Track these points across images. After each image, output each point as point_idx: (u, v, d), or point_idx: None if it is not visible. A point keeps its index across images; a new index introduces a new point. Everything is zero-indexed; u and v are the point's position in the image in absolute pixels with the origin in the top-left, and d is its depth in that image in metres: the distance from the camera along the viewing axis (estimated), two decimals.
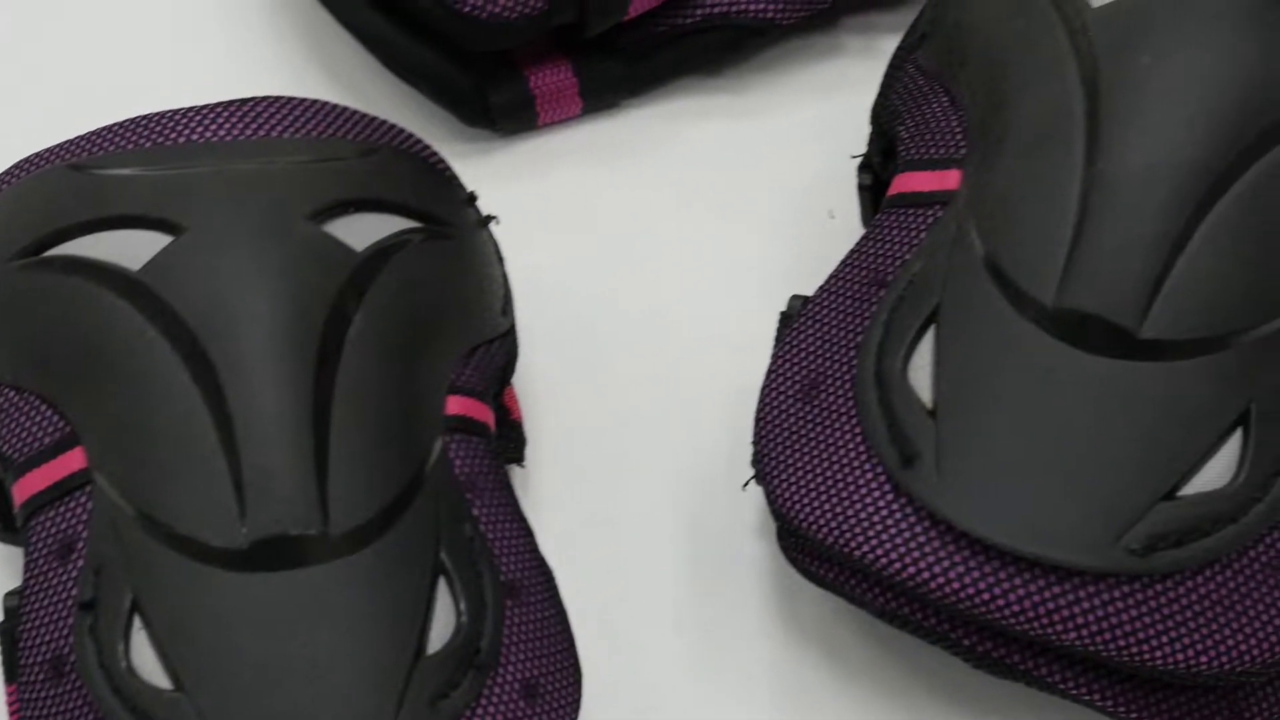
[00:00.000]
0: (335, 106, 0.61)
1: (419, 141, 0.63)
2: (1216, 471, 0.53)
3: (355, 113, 0.61)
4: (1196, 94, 0.56)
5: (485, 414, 0.59)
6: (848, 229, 0.68)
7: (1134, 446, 0.53)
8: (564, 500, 0.66)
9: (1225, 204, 0.55)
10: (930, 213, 0.59)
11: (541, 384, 0.68)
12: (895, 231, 0.59)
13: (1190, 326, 0.54)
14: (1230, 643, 0.53)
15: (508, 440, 0.63)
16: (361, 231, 0.57)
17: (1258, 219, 0.55)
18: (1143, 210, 0.54)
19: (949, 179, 0.59)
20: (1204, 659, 0.52)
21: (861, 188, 0.66)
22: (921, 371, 0.56)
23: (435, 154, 0.63)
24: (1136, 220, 0.54)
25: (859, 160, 0.66)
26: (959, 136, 0.60)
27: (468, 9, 0.67)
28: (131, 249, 0.56)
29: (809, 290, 0.61)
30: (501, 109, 0.72)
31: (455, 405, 0.58)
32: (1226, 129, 0.55)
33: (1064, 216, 0.55)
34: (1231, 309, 0.54)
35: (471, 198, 0.63)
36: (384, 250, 0.58)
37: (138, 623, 0.53)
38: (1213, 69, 0.56)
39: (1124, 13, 0.58)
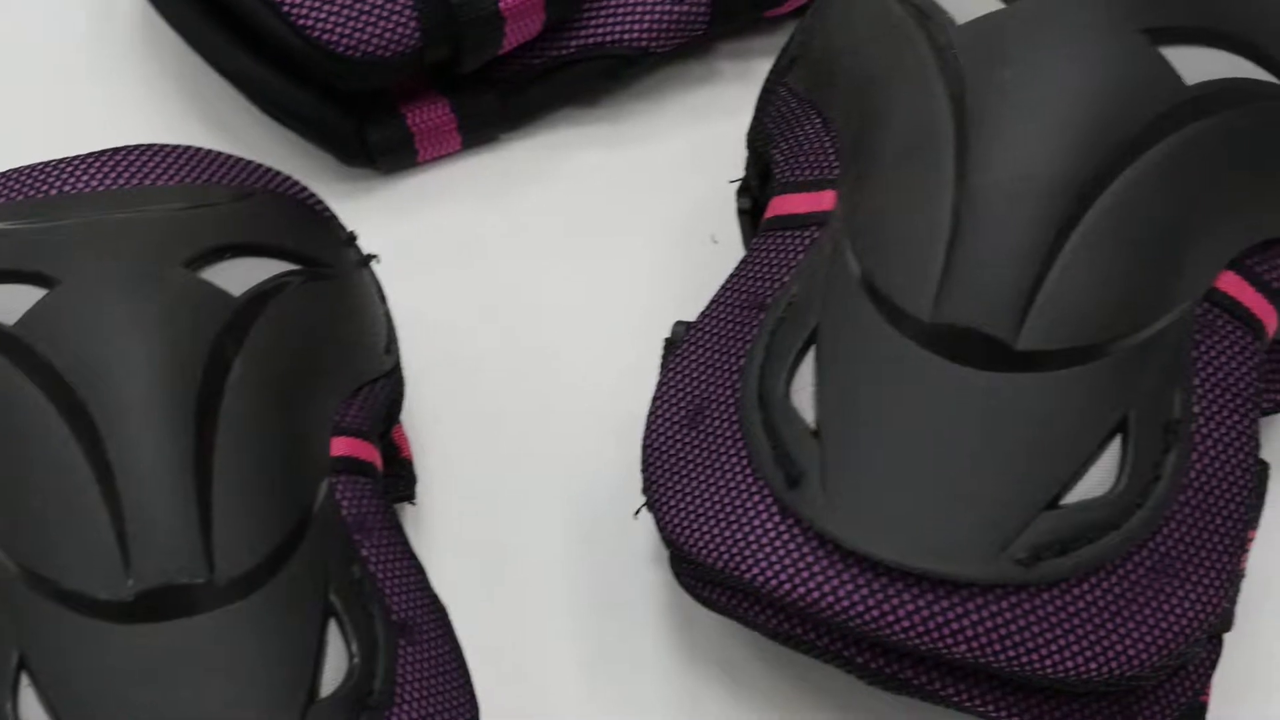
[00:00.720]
0: (208, 152, 0.61)
1: (295, 184, 0.63)
2: (1098, 479, 0.54)
3: (229, 157, 0.61)
4: (1061, 107, 0.56)
5: (371, 454, 0.59)
6: (731, 252, 0.68)
7: (1015, 457, 0.53)
8: (457, 536, 0.65)
9: (1094, 214, 0.55)
10: (807, 234, 0.59)
11: (431, 420, 0.68)
12: (773, 254, 0.60)
13: (1065, 336, 0.54)
14: (1119, 648, 0.53)
15: (398, 478, 0.63)
16: (238, 277, 0.57)
17: (1127, 228, 0.55)
18: (1013, 223, 0.55)
19: (824, 200, 0.60)
20: (1093, 665, 0.53)
21: (741, 211, 0.66)
22: (804, 392, 0.56)
23: (312, 195, 0.63)
24: (1008, 233, 0.55)
25: (737, 184, 0.67)
26: (832, 157, 0.60)
27: (341, 49, 0.67)
28: (6, 303, 0.55)
29: (695, 316, 0.61)
30: (380, 147, 0.72)
31: (340, 446, 0.58)
32: (1092, 140, 0.56)
33: (937, 232, 0.56)
34: (1105, 318, 0.55)
35: (351, 238, 0.63)
36: (262, 294, 0.57)
37: (25, 680, 0.52)
38: (1075, 82, 0.57)
39: (987, 29, 0.58)
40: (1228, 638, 0.58)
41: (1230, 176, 0.57)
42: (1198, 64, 0.57)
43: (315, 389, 0.58)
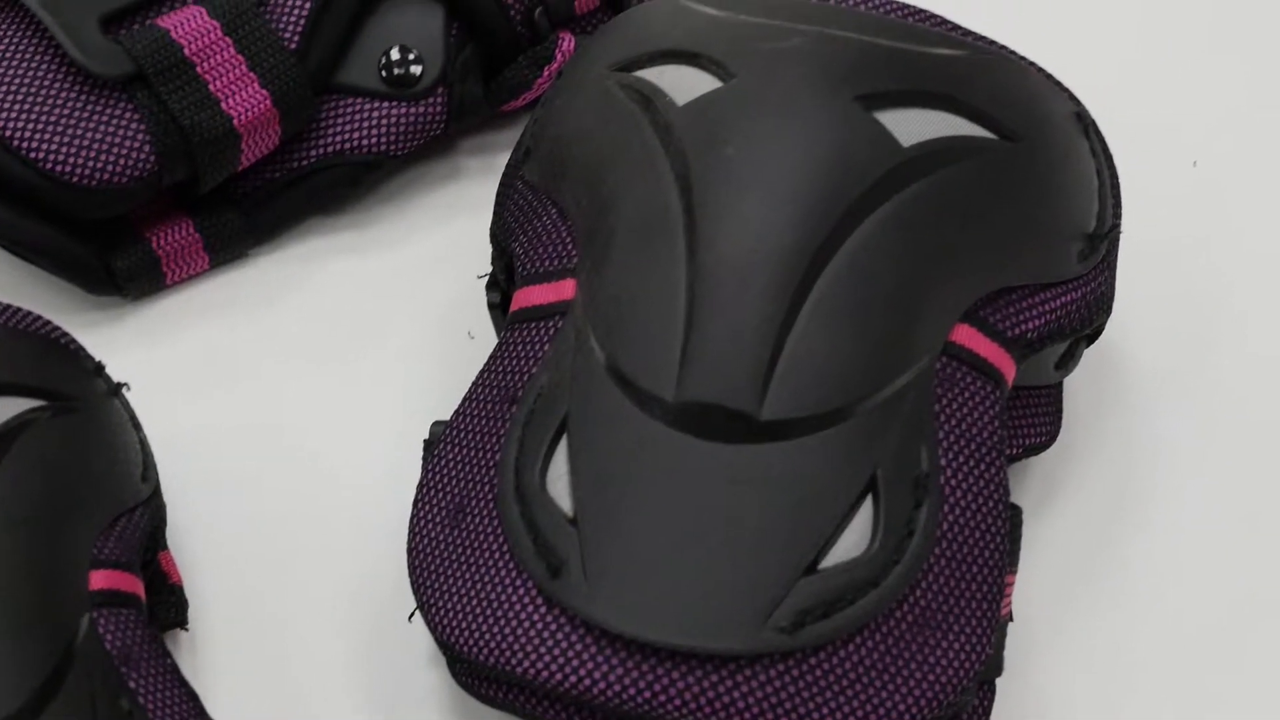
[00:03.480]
0: None
1: (37, 318, 0.62)
2: (854, 540, 0.55)
3: None
4: (783, 179, 0.57)
5: (134, 584, 0.58)
6: (488, 347, 0.68)
7: (770, 527, 0.54)
8: (233, 658, 0.65)
9: (825, 281, 0.56)
10: (551, 324, 0.60)
11: (201, 542, 0.67)
12: (520, 347, 0.60)
13: (808, 403, 0.55)
14: (889, 704, 0.54)
15: (168, 605, 0.63)
16: None
17: (858, 291, 0.56)
18: (746, 296, 0.56)
19: (565, 289, 0.60)
20: None
21: (491, 306, 0.67)
22: (560, 481, 0.56)
23: (56, 328, 0.62)
24: (742, 307, 0.56)
25: (486, 279, 0.67)
26: (570, 246, 0.61)
27: (75, 179, 0.67)
28: None
29: None
30: (126, 274, 0.71)
31: (100, 579, 0.57)
32: (816, 209, 0.57)
33: (674, 311, 0.56)
34: (846, 381, 0.56)
35: (99, 368, 0.63)
36: (8, 433, 0.57)
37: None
38: (795, 153, 0.58)
39: (707, 108, 0.59)
40: (1000, 682, 0.59)
41: (954, 232, 0.58)
42: (913, 126, 0.59)
43: (68, 524, 0.57)
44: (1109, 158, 0.64)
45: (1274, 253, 0.74)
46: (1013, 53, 0.65)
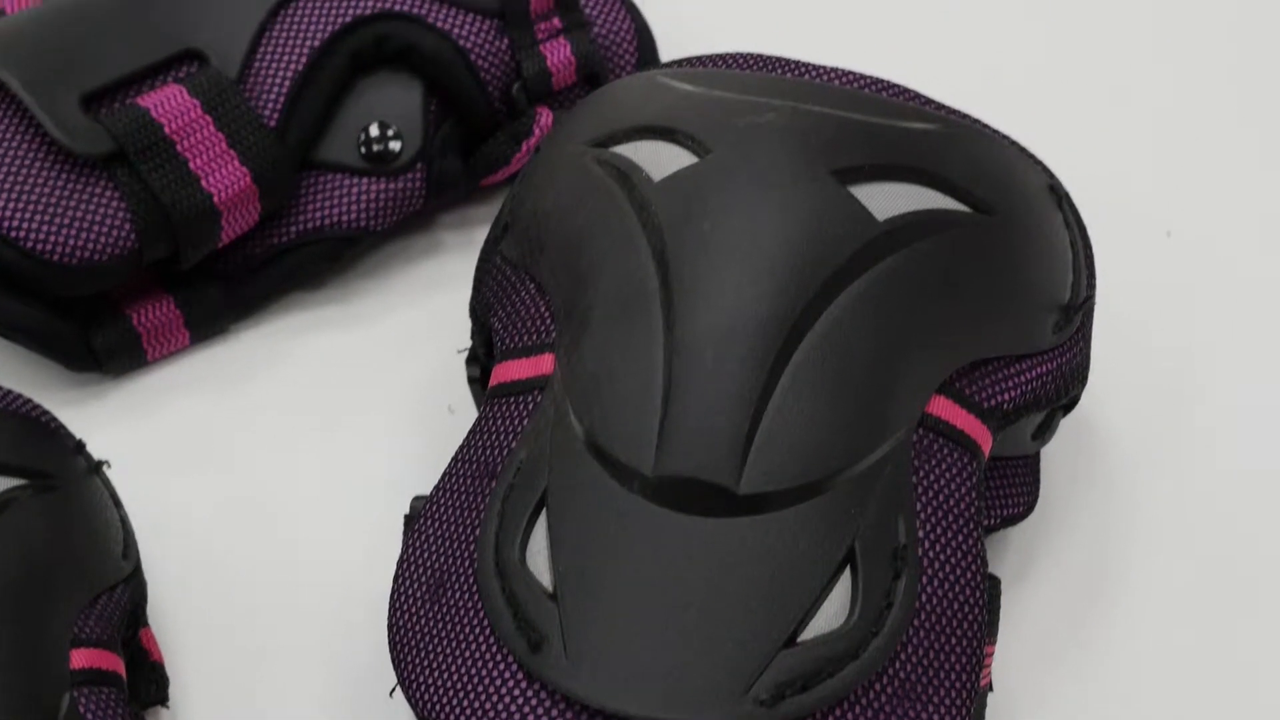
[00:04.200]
0: None
1: (17, 396, 0.62)
2: (833, 612, 0.55)
3: None
4: (759, 253, 0.58)
5: (114, 662, 0.58)
6: (469, 421, 0.68)
7: (749, 600, 0.54)
8: None
9: (801, 354, 0.57)
10: (530, 399, 0.60)
11: (181, 619, 0.67)
12: (500, 422, 0.60)
13: (786, 476, 0.55)
14: None
15: (149, 683, 0.62)
16: None
17: (835, 365, 0.57)
18: (724, 370, 0.56)
19: (543, 364, 0.60)
20: None
21: (471, 380, 0.67)
22: (540, 556, 0.56)
23: (36, 406, 0.62)
24: (719, 381, 0.56)
25: (465, 354, 0.67)
26: (548, 321, 0.61)
27: (56, 257, 0.67)
28: None
29: None
30: (107, 351, 0.71)
31: (80, 658, 0.57)
32: (791, 283, 0.57)
33: (652, 386, 0.57)
34: (823, 454, 0.56)
35: (79, 446, 0.63)
36: None
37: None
38: (771, 228, 0.58)
39: (683, 183, 0.60)
40: None
41: (930, 304, 0.59)
42: (888, 199, 0.59)
43: (48, 603, 0.57)
44: (1082, 229, 0.65)
45: (1248, 322, 0.75)
46: (986, 126, 0.65)
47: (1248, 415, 0.72)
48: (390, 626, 0.58)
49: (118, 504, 0.63)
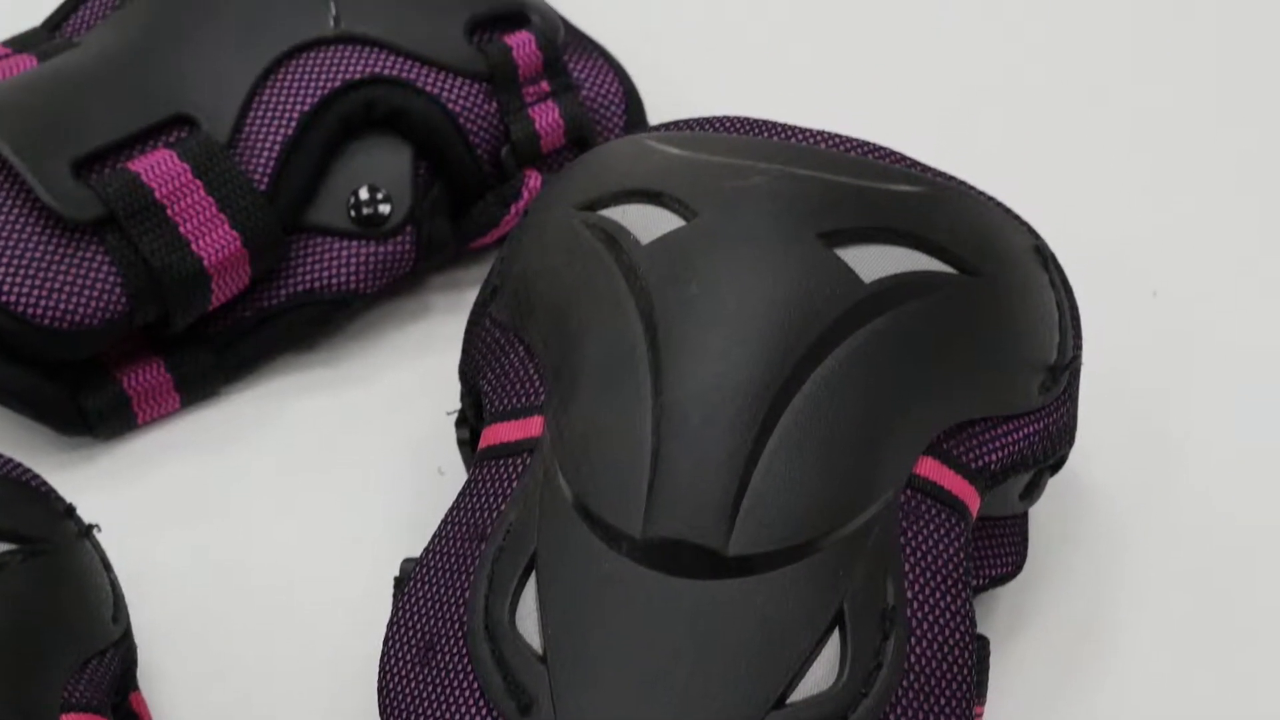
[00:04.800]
0: None
1: (7, 461, 0.62)
2: (822, 673, 0.55)
3: None
4: (746, 316, 0.58)
5: None
6: (459, 483, 0.68)
7: (738, 662, 0.54)
8: None
9: (789, 416, 0.57)
10: (519, 461, 0.60)
11: (173, 682, 0.67)
12: (489, 484, 0.61)
13: (775, 538, 0.56)
14: None
15: None
16: None
17: (823, 426, 0.57)
18: (712, 433, 0.57)
19: (532, 426, 0.61)
20: None
21: (461, 443, 0.67)
22: (529, 618, 0.56)
23: (26, 470, 0.63)
24: (707, 443, 0.56)
25: (455, 416, 0.67)
26: (537, 384, 0.62)
27: (47, 321, 0.67)
28: None
29: None
30: (97, 415, 0.71)
31: None
32: (779, 345, 0.58)
33: (640, 448, 0.57)
34: (812, 515, 0.56)
35: (70, 509, 0.63)
36: None
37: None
38: (758, 291, 0.59)
39: (671, 247, 0.60)
40: None
41: (916, 365, 0.59)
42: (874, 262, 0.60)
43: (38, 668, 0.57)
44: (1068, 289, 0.65)
45: (1235, 381, 0.75)
46: (971, 187, 0.66)
47: (1234, 474, 0.72)
48: (380, 689, 0.58)
49: (108, 567, 0.63)
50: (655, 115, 0.81)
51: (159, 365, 0.72)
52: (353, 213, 0.73)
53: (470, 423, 0.66)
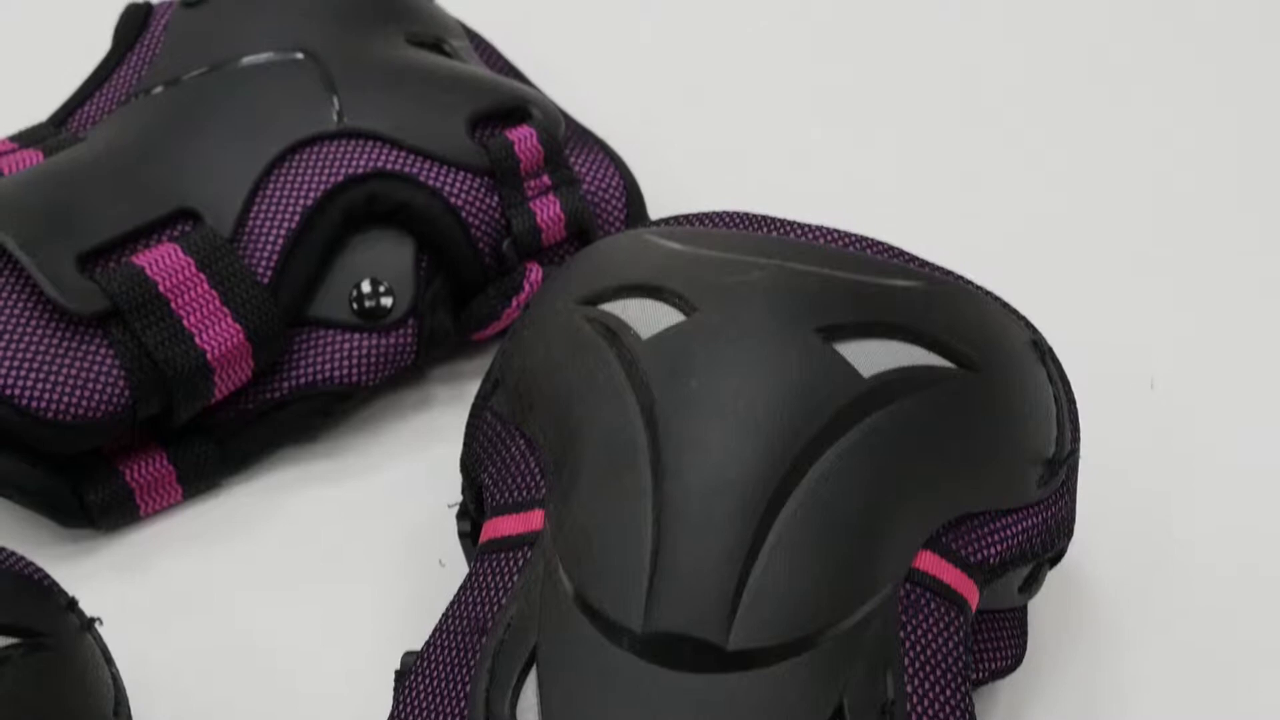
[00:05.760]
0: None
1: (9, 554, 0.62)
2: None
3: None
4: (746, 410, 0.58)
5: None
6: (460, 575, 0.69)
7: None
8: None
9: (789, 511, 0.57)
10: (520, 554, 0.60)
11: None
12: (490, 577, 0.61)
13: (775, 632, 0.56)
14: None
15: None
16: None
17: (822, 521, 0.57)
18: (711, 527, 0.57)
19: (533, 520, 0.61)
20: None
21: (462, 535, 0.67)
22: (530, 713, 0.56)
23: (28, 564, 0.63)
24: (708, 537, 0.57)
25: (456, 508, 0.68)
26: (538, 477, 0.62)
27: (51, 414, 0.68)
28: None
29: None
30: (100, 507, 0.72)
31: None
32: (778, 440, 0.58)
33: (640, 542, 0.57)
34: (812, 610, 0.56)
35: (72, 603, 0.63)
36: None
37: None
38: (757, 385, 0.59)
39: (671, 341, 0.61)
40: None
41: (915, 460, 0.59)
42: (872, 356, 0.60)
43: None
44: (1066, 383, 0.66)
45: (1233, 472, 0.75)
46: (969, 282, 0.66)
47: (1233, 567, 0.72)
48: None
49: (109, 661, 0.63)
50: (655, 208, 0.82)
51: (161, 457, 0.73)
52: (355, 305, 0.74)
53: (471, 515, 0.67)
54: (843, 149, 0.90)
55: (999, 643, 0.64)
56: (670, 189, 0.83)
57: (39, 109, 0.83)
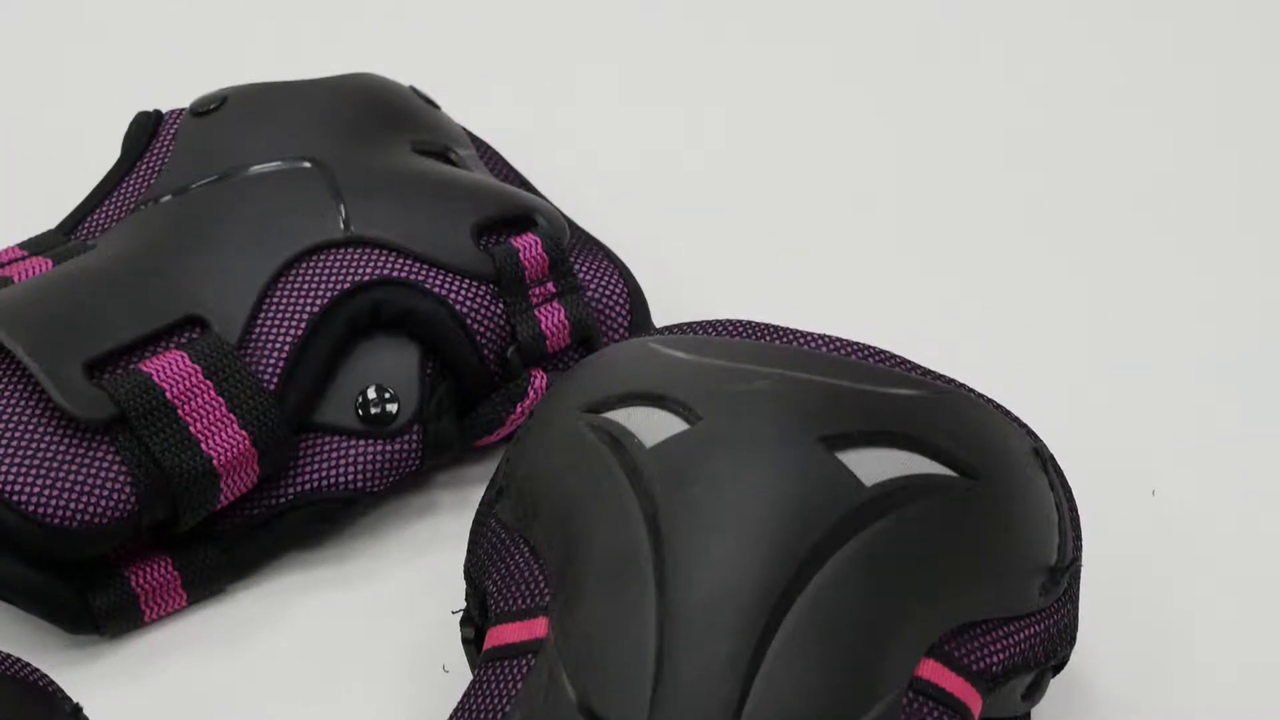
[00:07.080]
0: None
1: (14, 661, 0.62)
2: None
3: None
4: (749, 519, 0.59)
5: None
6: (464, 681, 0.69)
7: None
8: None
9: (791, 621, 0.57)
10: (524, 662, 0.61)
11: None
12: (494, 684, 0.61)
13: None
14: None
15: None
16: None
17: (824, 630, 0.57)
18: (715, 635, 0.57)
19: (537, 627, 0.61)
20: None
21: (466, 641, 0.67)
22: None
23: (33, 670, 0.63)
24: (710, 645, 0.57)
25: (460, 615, 0.68)
26: (542, 585, 0.62)
27: (57, 520, 0.68)
28: None
29: None
30: (104, 612, 0.72)
31: None
32: (781, 549, 0.58)
33: (644, 651, 0.57)
34: (815, 718, 0.56)
35: (77, 709, 0.63)
36: None
37: None
38: (760, 494, 0.59)
39: (675, 450, 0.61)
40: None
41: (917, 568, 0.60)
42: (875, 465, 0.60)
43: None
44: (1068, 491, 0.66)
45: (1235, 580, 0.75)
46: (971, 390, 0.67)
47: (1237, 673, 0.72)
48: None
49: None
50: (659, 314, 0.82)
51: (167, 563, 0.73)
52: (360, 412, 0.74)
53: (475, 622, 0.67)
54: (846, 258, 0.91)
55: None
56: (674, 295, 0.84)
57: (48, 216, 0.83)
